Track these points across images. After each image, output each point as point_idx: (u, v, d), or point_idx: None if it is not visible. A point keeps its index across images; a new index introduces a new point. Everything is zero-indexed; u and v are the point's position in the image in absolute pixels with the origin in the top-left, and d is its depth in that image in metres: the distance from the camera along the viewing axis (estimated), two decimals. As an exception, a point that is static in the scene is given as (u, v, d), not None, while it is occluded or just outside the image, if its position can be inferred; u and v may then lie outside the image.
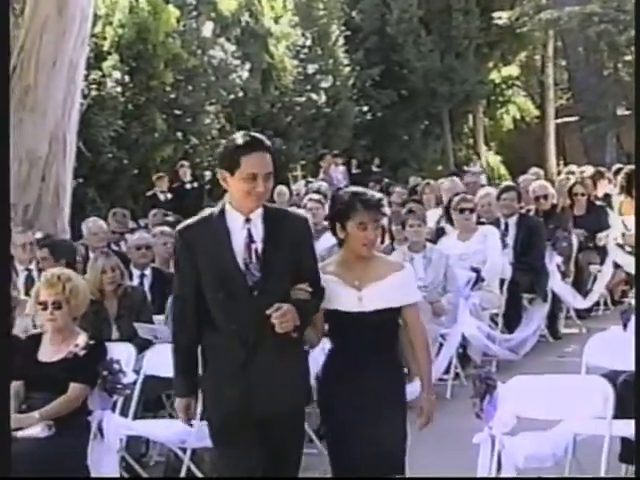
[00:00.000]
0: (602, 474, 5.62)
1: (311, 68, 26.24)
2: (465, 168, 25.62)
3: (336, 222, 5.51)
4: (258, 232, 5.20)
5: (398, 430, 5.42)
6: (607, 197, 15.40)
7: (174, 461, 7.39)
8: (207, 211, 5.45)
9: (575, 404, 6.02)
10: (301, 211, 10.68)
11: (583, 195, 13.91)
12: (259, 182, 5.13)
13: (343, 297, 5.43)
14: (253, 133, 5.47)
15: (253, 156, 5.17)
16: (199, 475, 7.31)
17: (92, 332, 7.23)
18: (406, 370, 5.72)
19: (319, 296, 5.32)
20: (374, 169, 27.47)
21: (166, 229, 10.65)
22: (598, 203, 14.45)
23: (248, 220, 5.15)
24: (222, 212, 5.25)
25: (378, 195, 5.66)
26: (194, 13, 23.33)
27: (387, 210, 9.66)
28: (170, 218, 13.58)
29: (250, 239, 5.18)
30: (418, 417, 5.45)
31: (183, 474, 7.14)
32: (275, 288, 5.14)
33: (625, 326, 8.18)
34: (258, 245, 5.17)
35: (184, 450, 7.19)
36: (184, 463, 7.17)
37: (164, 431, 7.10)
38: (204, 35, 23.29)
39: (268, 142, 5.36)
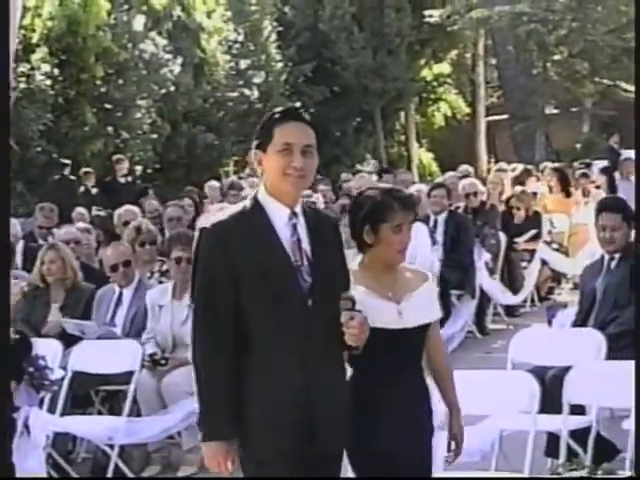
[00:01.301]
0: (527, 468, 5.68)
1: (243, 63, 26.21)
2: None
3: (365, 225, 4.72)
4: (302, 229, 4.34)
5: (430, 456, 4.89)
6: (534, 194, 15.52)
7: (101, 457, 7.33)
8: (238, 205, 4.44)
9: (501, 399, 6.09)
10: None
11: (519, 209, 13.96)
12: (296, 155, 4.23)
13: (382, 312, 4.60)
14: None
15: (290, 125, 4.28)
16: (127, 471, 7.29)
17: (28, 313, 7.20)
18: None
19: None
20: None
21: (86, 225, 10.58)
22: (535, 208, 14.52)
23: (295, 214, 4.26)
24: (257, 204, 4.33)
25: (408, 191, 5.28)
26: (125, 6, 23.16)
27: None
28: (102, 213, 13.48)
29: (297, 237, 4.32)
30: (452, 445, 4.90)
31: (110, 471, 7.09)
32: (330, 296, 4.25)
33: (550, 322, 8.30)
34: (306, 245, 4.33)
35: (112, 447, 7.15)
36: (112, 460, 7.12)
37: (91, 427, 7.06)
38: (135, 29, 23.14)
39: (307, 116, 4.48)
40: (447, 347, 10.75)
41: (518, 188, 15.01)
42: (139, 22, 23.31)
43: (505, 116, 30.56)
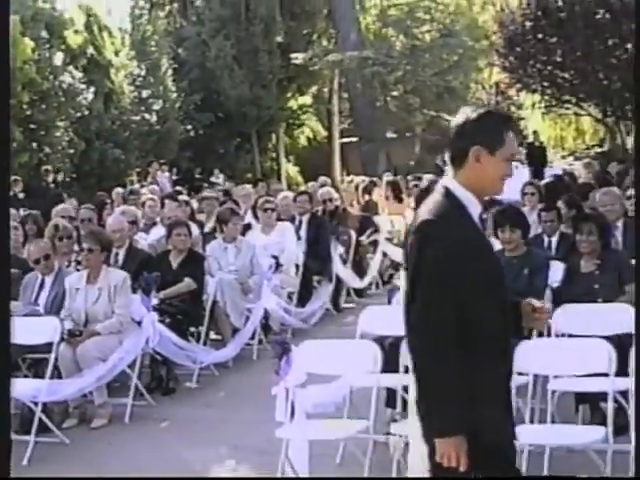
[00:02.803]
0: (372, 417, 5.72)
1: (145, 93, 25.95)
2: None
3: None
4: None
5: None
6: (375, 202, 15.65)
7: (27, 413, 7.19)
8: (433, 200, 3.68)
9: (351, 362, 6.12)
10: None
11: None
12: (511, 166, 3.70)
13: None
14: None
15: (513, 136, 3.65)
16: (50, 424, 7.17)
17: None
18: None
19: None
20: (197, 176, 27.44)
21: (15, 224, 10.32)
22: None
23: (485, 208, 3.62)
24: (455, 199, 3.63)
25: None
26: (47, 45, 22.74)
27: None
28: (33, 212, 13.11)
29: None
30: None
31: (35, 423, 6.96)
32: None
33: (390, 301, 8.36)
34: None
35: (36, 404, 7.02)
36: (36, 415, 7.00)
37: (19, 388, 6.88)
38: (55, 63, 22.82)
39: None
40: (309, 322, 10.95)
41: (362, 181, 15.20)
42: (59, 58, 23.00)
43: (355, 139, 30.74)
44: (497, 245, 6.21)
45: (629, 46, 25.13)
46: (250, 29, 28.39)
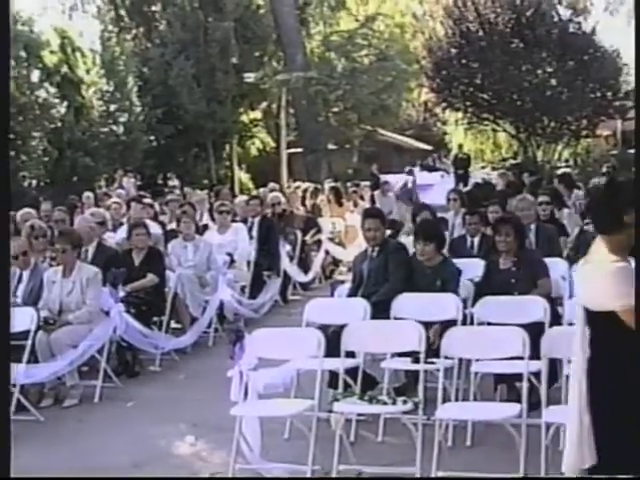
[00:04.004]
0: (316, 397, 5.71)
1: (112, 107, 25.62)
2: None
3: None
4: None
5: None
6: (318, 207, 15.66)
7: (6, 394, 7.07)
8: None
9: (298, 348, 6.10)
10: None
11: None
12: None
13: None
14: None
15: None
16: (27, 404, 7.06)
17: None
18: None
19: None
20: (158, 181, 27.21)
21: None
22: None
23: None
24: None
25: None
26: (25, 64, 22.38)
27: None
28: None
29: None
30: None
31: (14, 403, 6.85)
32: None
33: (332, 294, 8.39)
34: None
35: (14, 385, 6.89)
36: (14, 395, 6.88)
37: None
38: (32, 80, 22.47)
39: None
40: (260, 312, 10.91)
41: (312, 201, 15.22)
42: (35, 75, 22.67)
43: (300, 149, 30.69)
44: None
45: (540, 72, 25.50)
46: (208, 51, 28.32)
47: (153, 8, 30.19)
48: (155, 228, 11.00)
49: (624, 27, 33.67)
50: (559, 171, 21.27)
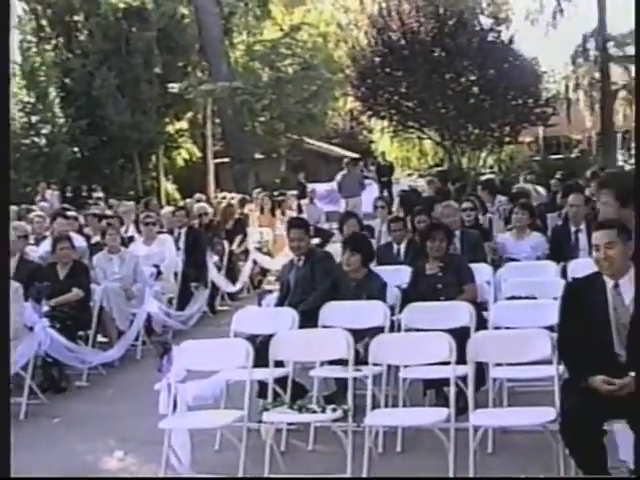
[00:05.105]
0: (246, 407, 5.70)
1: (34, 119, 25.23)
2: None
3: None
4: None
5: None
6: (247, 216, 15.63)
7: None
8: None
9: (227, 359, 6.09)
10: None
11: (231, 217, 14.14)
12: None
13: None
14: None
15: None
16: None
17: None
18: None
19: None
20: (84, 194, 26.83)
21: None
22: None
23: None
24: None
25: None
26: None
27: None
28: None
29: None
30: None
31: None
32: None
33: (260, 304, 8.38)
34: None
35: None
36: None
37: None
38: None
39: None
40: (188, 324, 10.84)
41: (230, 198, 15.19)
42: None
43: (227, 159, 30.56)
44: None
45: (462, 80, 25.90)
46: (131, 61, 28.07)
47: (75, 18, 29.78)
48: (80, 241, 10.86)
49: (542, 36, 34.48)
50: (483, 177, 21.63)
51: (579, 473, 4.97)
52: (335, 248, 9.02)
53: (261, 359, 6.03)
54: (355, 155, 34.75)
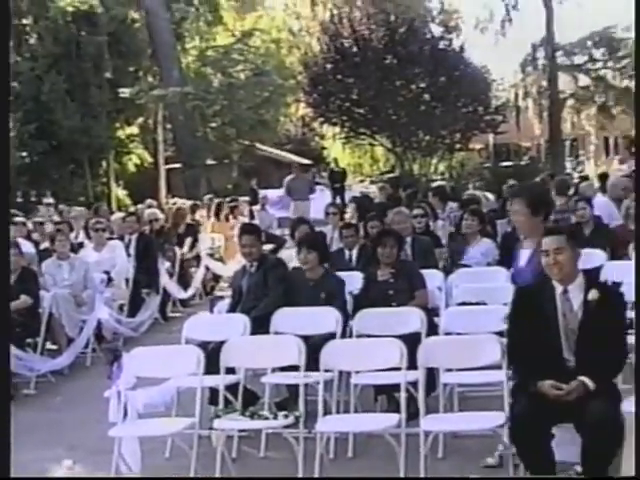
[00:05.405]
0: (197, 414, 5.66)
1: (-19, 123, 24.83)
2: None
3: None
4: None
5: None
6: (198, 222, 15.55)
7: None
8: None
9: (178, 366, 6.05)
10: None
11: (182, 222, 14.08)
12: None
13: None
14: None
15: None
16: None
17: None
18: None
19: None
20: (33, 199, 26.49)
21: None
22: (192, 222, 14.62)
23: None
24: None
25: None
26: None
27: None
28: None
29: None
30: None
31: None
32: None
33: (212, 310, 8.34)
34: None
35: None
36: None
37: None
38: None
39: None
40: (139, 331, 10.76)
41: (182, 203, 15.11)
42: None
43: (178, 165, 30.41)
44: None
45: (414, 87, 26.11)
46: (81, 65, 27.78)
47: (24, 21, 29.41)
48: (28, 247, 10.72)
49: (492, 44, 34.91)
50: (434, 184, 21.81)
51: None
52: (287, 254, 9.02)
53: (212, 366, 5.99)
54: (307, 161, 34.85)
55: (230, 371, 6.23)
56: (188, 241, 13.59)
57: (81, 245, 11.93)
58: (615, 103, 33.91)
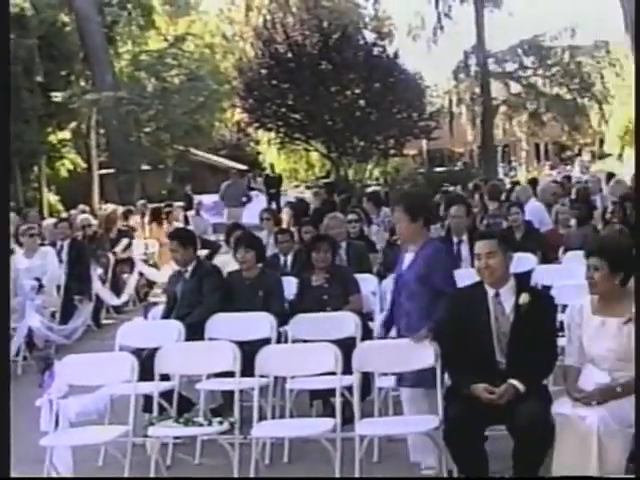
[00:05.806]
0: (131, 422, 5.60)
1: None
2: None
3: None
4: None
5: None
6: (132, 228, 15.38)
7: None
8: None
9: (111, 373, 5.97)
10: None
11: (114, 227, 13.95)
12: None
13: None
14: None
15: None
16: None
17: None
18: None
19: None
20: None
21: None
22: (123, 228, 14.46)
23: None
24: None
25: None
26: None
27: None
28: None
29: None
30: None
31: None
32: None
33: (146, 317, 8.26)
34: None
35: None
36: None
37: None
38: None
39: None
40: (72, 338, 10.60)
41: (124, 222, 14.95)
42: None
43: (112, 170, 30.09)
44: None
45: (348, 93, 26.27)
46: (11, 69, 27.28)
47: (-49, 23, 28.79)
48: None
49: (425, 51, 35.29)
50: (369, 189, 21.96)
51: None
52: (222, 260, 8.98)
53: (147, 373, 5.95)
54: (243, 167, 34.77)
55: (164, 378, 6.17)
56: (122, 243, 13.44)
57: (12, 250, 11.71)
58: (546, 110, 34.61)
